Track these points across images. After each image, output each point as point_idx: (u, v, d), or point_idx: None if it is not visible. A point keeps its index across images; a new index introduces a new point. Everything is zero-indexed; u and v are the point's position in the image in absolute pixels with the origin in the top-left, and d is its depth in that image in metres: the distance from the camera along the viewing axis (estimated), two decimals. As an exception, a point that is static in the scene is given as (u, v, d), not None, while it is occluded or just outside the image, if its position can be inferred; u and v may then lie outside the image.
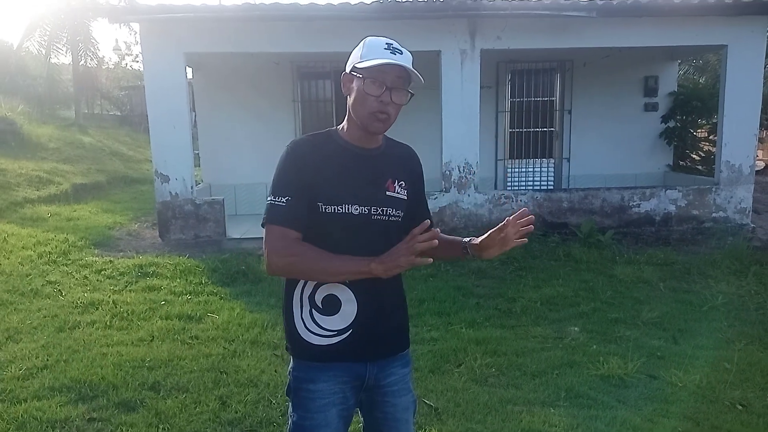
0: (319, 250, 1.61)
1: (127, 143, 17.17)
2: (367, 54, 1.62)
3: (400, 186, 1.73)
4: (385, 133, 1.74)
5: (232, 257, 6.42)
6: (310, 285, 1.69)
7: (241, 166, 8.85)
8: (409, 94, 1.65)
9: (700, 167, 10.53)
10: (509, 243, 1.69)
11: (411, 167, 1.82)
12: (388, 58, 1.59)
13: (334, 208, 1.63)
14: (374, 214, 1.66)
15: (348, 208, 1.64)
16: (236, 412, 3.28)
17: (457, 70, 7.41)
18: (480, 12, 7.20)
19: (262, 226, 1.64)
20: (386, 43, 1.63)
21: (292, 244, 1.61)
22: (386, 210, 1.68)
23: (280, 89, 9.07)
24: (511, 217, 1.67)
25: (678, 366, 3.92)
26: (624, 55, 8.78)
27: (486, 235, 1.71)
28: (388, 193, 1.70)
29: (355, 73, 1.64)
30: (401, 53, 1.62)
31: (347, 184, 1.65)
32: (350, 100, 1.67)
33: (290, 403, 1.75)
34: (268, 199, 1.64)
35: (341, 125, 1.74)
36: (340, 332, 1.68)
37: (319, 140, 1.72)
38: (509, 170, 9.61)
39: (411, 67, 1.62)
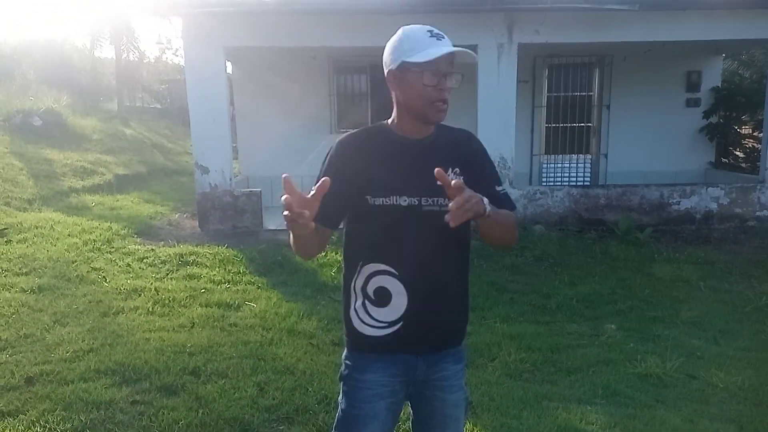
0: None
1: (167, 135, 17.54)
2: (414, 46, 1.60)
3: (454, 173, 1.67)
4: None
5: (268, 248, 6.52)
6: (362, 276, 1.70)
7: (278, 158, 8.96)
8: (460, 75, 1.64)
9: (743, 165, 10.23)
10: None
11: (465, 151, 1.75)
12: (439, 47, 1.58)
13: (383, 200, 1.64)
14: (425, 205, 1.65)
15: (396, 200, 1.64)
16: (273, 399, 3.34)
17: (494, 65, 7.35)
18: (518, 6, 7.12)
19: None
20: (427, 31, 1.62)
21: None
22: (438, 200, 1.64)
23: (316, 83, 9.15)
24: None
25: (719, 367, 3.83)
26: (666, 49, 8.57)
27: None
28: (439, 182, 1.67)
29: (408, 68, 1.61)
30: (444, 38, 1.62)
31: (396, 175, 1.66)
32: (402, 95, 1.66)
33: (341, 391, 1.77)
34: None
35: (390, 119, 1.74)
36: (390, 324, 1.69)
37: (368, 134, 1.74)
38: (545, 166, 9.50)
39: (466, 50, 1.60)
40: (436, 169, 1.44)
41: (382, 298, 1.68)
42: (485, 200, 1.52)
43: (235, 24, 7.20)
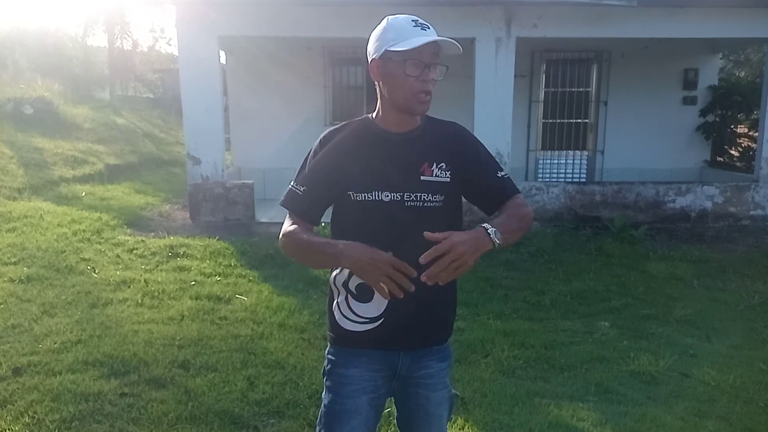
0: (309, 237, 1.61)
1: (159, 126, 17.40)
2: (398, 36, 1.56)
3: (439, 168, 1.64)
4: (426, 114, 1.69)
5: (260, 241, 6.46)
6: (345, 271, 1.67)
7: (271, 150, 8.89)
8: (444, 68, 1.61)
9: (738, 163, 10.25)
10: None
11: (453, 145, 1.69)
12: (422, 36, 1.54)
13: (365, 196, 1.61)
14: (407, 201, 1.62)
15: (378, 195, 1.61)
16: (263, 393, 3.30)
17: (492, 59, 7.30)
18: (516, -1, 7.08)
19: (281, 204, 1.71)
20: (412, 20, 1.58)
21: (291, 227, 1.65)
22: (420, 196, 1.62)
23: (311, 74, 9.07)
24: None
25: (711, 365, 3.82)
26: (663, 46, 8.56)
27: None
28: (423, 177, 1.63)
29: (390, 57, 1.58)
30: (429, 28, 1.58)
31: (378, 170, 1.62)
32: (385, 86, 1.62)
33: (324, 386, 1.76)
34: (290, 183, 1.69)
35: (374, 112, 1.70)
36: (372, 320, 1.67)
37: (352, 128, 1.69)
38: (541, 161, 9.48)
39: (450, 40, 1.57)
40: (425, 233, 1.45)
41: (365, 293, 1.66)
42: (490, 230, 1.50)
43: (230, 13, 7.12)
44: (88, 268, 5.39)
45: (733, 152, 10.53)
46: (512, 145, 7.55)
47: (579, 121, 9.41)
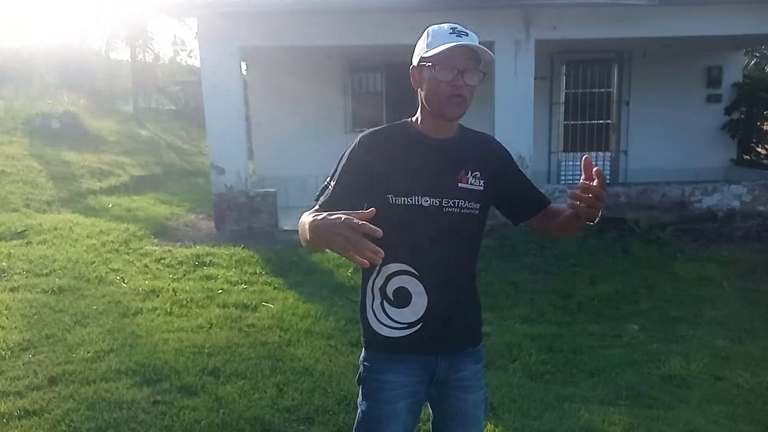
0: (308, 218, 1.50)
1: (182, 137, 17.64)
2: (432, 42, 1.61)
3: (474, 177, 1.68)
4: (461, 123, 1.72)
5: (284, 248, 6.52)
6: (382, 276, 1.69)
7: (293, 158, 8.96)
8: (482, 74, 1.62)
9: (765, 161, 10.06)
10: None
11: (488, 155, 1.74)
12: (454, 42, 1.57)
13: (404, 200, 1.63)
14: (445, 207, 1.64)
15: (418, 200, 1.63)
16: (293, 400, 3.33)
17: (511, 61, 7.28)
18: (535, 2, 7.06)
19: (315, 200, 1.70)
20: (450, 28, 1.61)
21: (306, 215, 1.58)
22: (458, 202, 1.65)
23: (331, 83, 9.14)
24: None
25: (744, 367, 3.77)
26: (686, 44, 8.44)
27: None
28: (460, 184, 1.66)
29: (424, 63, 1.62)
30: (467, 35, 1.60)
31: (418, 175, 1.64)
32: (422, 92, 1.66)
33: (360, 393, 1.76)
34: (326, 179, 1.69)
35: (414, 117, 1.73)
36: (410, 325, 1.68)
37: (391, 131, 1.72)
38: (563, 163, 9.40)
39: (478, 45, 1.59)
40: (585, 157, 1.46)
41: (402, 298, 1.67)
42: None
43: (250, 24, 7.21)
44: (118, 278, 5.49)
45: (760, 150, 10.33)
46: (534, 147, 7.51)
47: (601, 122, 9.32)
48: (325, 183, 1.69)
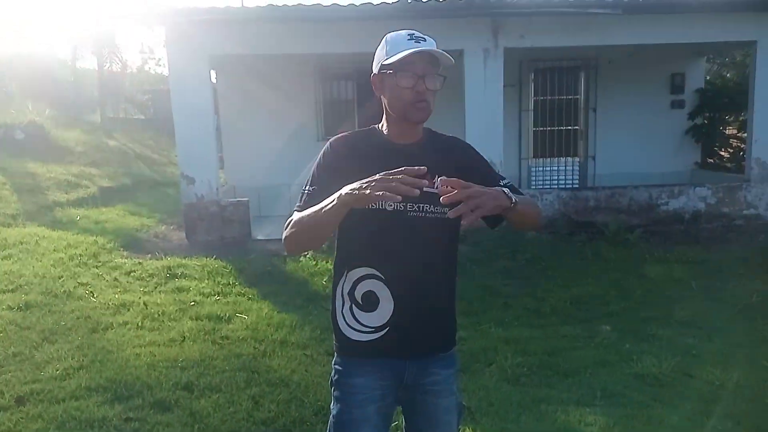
0: (311, 210, 1.57)
1: (151, 146, 17.39)
2: (391, 50, 1.62)
3: (439, 180, 1.64)
4: (429, 127, 1.74)
5: (257, 258, 6.46)
6: (350, 280, 1.70)
7: (265, 167, 8.90)
8: (442, 78, 1.64)
9: (728, 165, 10.35)
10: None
11: (455, 159, 1.72)
12: (412, 48, 1.58)
13: (369, 204, 1.61)
14: (410, 211, 1.65)
15: (381, 204, 1.62)
16: (269, 412, 3.29)
17: (480, 69, 7.37)
18: (503, 11, 7.17)
19: (295, 210, 1.69)
20: (408, 34, 1.62)
21: (296, 216, 1.63)
22: (422, 206, 1.65)
23: (302, 91, 9.12)
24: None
25: (714, 364, 3.85)
26: (650, 52, 8.65)
27: None
28: (425, 189, 1.62)
29: (384, 71, 1.64)
30: (425, 40, 1.62)
31: None
32: (385, 98, 1.68)
33: (332, 397, 1.76)
34: (302, 188, 1.69)
35: (380, 123, 1.75)
36: (377, 329, 1.69)
37: (357, 137, 1.75)
38: (533, 169, 9.53)
39: (437, 50, 1.60)
40: (441, 178, 1.45)
41: (370, 302, 1.69)
42: (505, 191, 1.52)
43: (220, 32, 7.16)
44: (87, 292, 5.36)
45: (723, 154, 10.63)
46: (504, 154, 7.60)
47: (569, 128, 9.49)
48: (303, 190, 1.69)
